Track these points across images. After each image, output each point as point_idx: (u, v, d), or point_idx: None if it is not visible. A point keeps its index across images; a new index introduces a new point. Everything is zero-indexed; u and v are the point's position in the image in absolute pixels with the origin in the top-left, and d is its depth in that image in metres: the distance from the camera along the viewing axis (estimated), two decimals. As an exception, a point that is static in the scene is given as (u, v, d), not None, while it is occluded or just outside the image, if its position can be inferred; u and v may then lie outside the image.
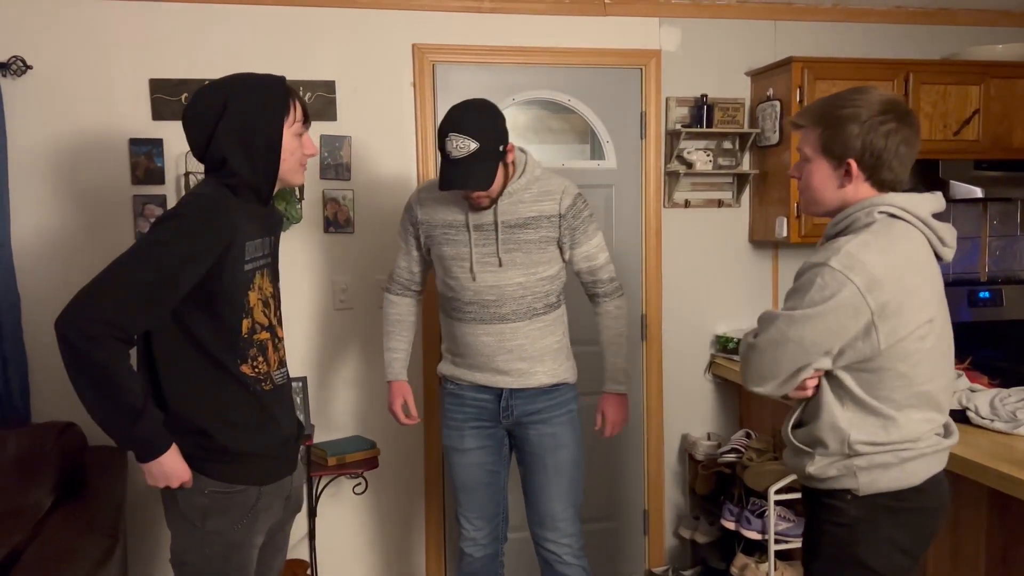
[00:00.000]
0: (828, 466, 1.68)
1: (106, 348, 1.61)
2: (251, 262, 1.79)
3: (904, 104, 1.70)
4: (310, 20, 3.04)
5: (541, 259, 2.36)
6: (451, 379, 2.49)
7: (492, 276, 2.34)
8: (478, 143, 2.17)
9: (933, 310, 1.65)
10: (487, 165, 2.21)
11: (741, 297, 3.43)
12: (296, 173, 1.87)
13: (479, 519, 2.51)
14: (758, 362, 1.68)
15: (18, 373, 2.82)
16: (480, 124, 2.20)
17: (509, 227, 2.32)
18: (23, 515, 2.48)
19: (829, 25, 3.45)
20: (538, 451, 2.44)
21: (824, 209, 1.74)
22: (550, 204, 2.35)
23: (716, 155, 3.38)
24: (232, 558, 1.82)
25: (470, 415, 2.46)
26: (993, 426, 2.30)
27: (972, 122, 3.28)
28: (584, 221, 2.39)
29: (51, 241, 2.90)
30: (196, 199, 1.77)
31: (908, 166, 1.69)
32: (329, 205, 3.11)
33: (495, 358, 2.38)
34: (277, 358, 1.89)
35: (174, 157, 2.95)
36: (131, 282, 1.64)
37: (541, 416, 2.42)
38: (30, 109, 2.84)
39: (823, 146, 1.69)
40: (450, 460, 2.52)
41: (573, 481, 2.46)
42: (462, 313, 2.38)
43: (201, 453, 1.76)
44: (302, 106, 1.84)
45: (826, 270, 1.59)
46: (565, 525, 2.45)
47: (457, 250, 2.36)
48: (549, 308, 2.41)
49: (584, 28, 3.26)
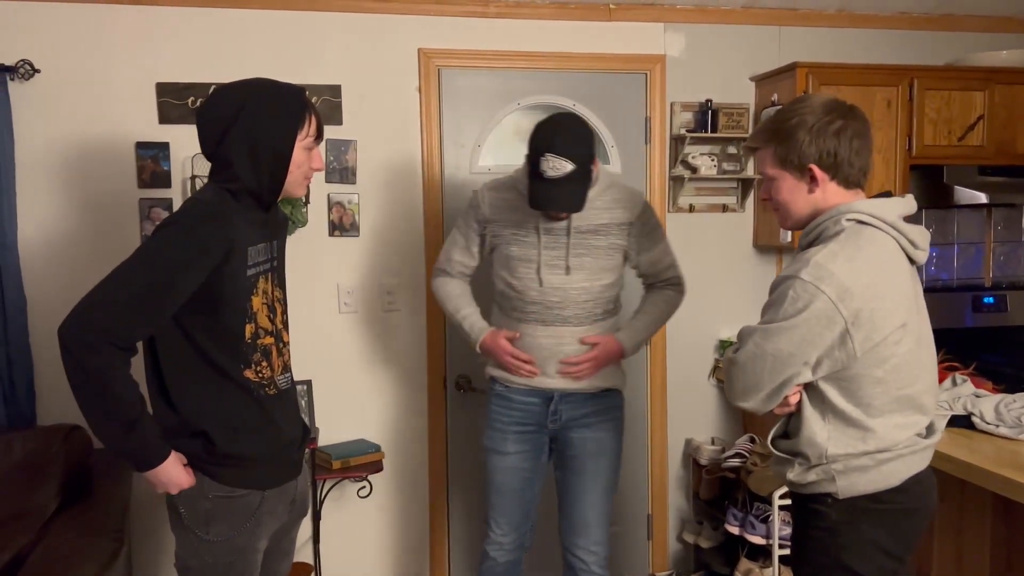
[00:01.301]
0: (806, 472, 1.70)
1: (102, 356, 1.61)
2: (253, 267, 1.79)
3: (845, 102, 1.72)
4: (316, 24, 3.05)
5: (607, 265, 2.36)
6: (501, 380, 2.47)
7: (559, 279, 2.33)
8: (574, 164, 2.15)
9: (905, 314, 1.65)
10: (581, 186, 2.22)
11: (745, 302, 3.43)
12: (299, 186, 1.86)
13: (508, 524, 2.49)
14: (740, 377, 1.69)
15: (24, 375, 2.83)
16: (576, 144, 2.18)
17: (580, 232, 2.32)
18: (28, 517, 2.48)
19: (834, 31, 3.45)
20: (580, 454, 2.43)
21: (800, 219, 1.75)
22: (622, 212, 2.35)
23: (720, 160, 3.38)
24: (236, 563, 1.82)
25: (516, 419, 2.44)
26: (998, 431, 2.30)
27: (976, 128, 3.28)
28: (653, 229, 2.41)
29: (57, 244, 2.91)
30: (195, 205, 1.77)
31: (867, 158, 1.71)
32: (334, 209, 3.11)
33: (550, 361, 2.37)
34: (281, 363, 1.89)
35: (180, 160, 2.96)
36: (128, 289, 1.65)
37: (587, 420, 2.42)
38: (37, 112, 2.86)
39: (781, 160, 1.71)
40: (489, 462, 2.49)
41: (609, 490, 2.46)
42: (523, 313, 2.38)
43: (205, 457, 1.76)
44: (317, 120, 1.84)
45: (797, 282, 1.60)
46: (597, 533, 2.44)
47: (525, 251, 2.35)
48: (608, 314, 2.42)
49: (589, 33, 3.27)
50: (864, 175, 1.72)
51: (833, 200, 1.70)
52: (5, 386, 2.81)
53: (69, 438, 2.64)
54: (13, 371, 2.81)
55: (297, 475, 1.95)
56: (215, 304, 1.73)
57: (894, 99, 3.21)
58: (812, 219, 1.72)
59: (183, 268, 1.67)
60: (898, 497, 1.68)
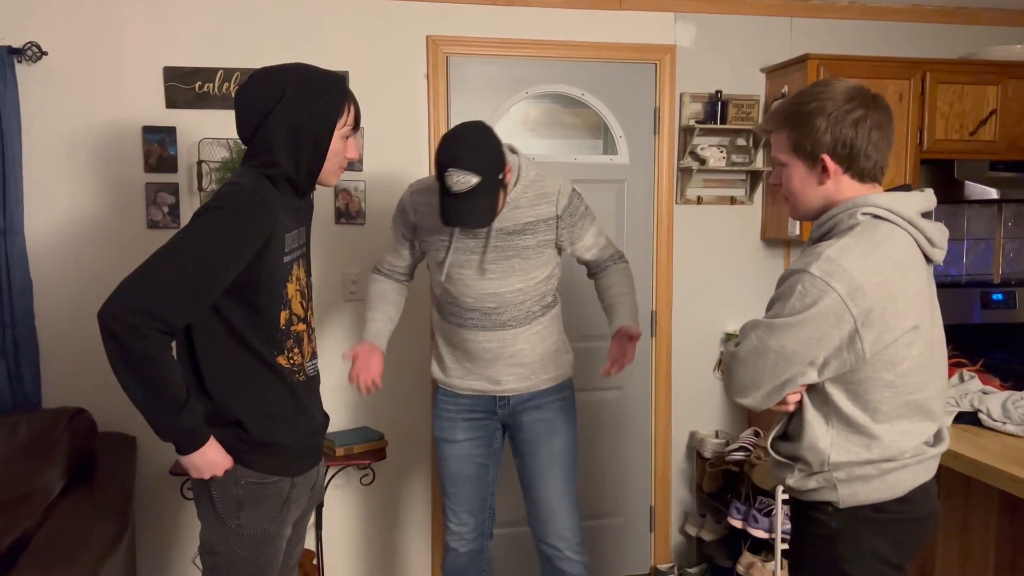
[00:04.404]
0: (806, 478, 1.63)
1: (149, 340, 1.59)
2: (289, 254, 1.78)
3: (869, 90, 1.62)
4: (325, 10, 3.04)
5: (539, 262, 2.32)
6: (444, 385, 2.47)
7: (491, 283, 2.30)
8: (479, 176, 2.08)
9: (917, 316, 1.57)
10: (490, 198, 2.15)
11: (752, 295, 3.42)
12: (334, 175, 1.85)
13: (465, 513, 2.49)
14: (739, 372, 1.62)
15: (30, 358, 2.84)
16: (479, 156, 2.10)
17: (506, 234, 2.27)
18: (33, 499, 2.49)
19: (846, 23, 3.42)
20: (532, 437, 2.42)
21: (810, 210, 1.68)
22: (547, 207, 2.30)
23: (729, 152, 3.36)
24: (264, 549, 1.81)
25: (464, 406, 2.44)
26: (1005, 428, 2.29)
27: (989, 122, 3.25)
28: (581, 217, 2.36)
29: (64, 227, 2.91)
30: (237, 190, 1.71)
31: (886, 151, 1.62)
32: (341, 196, 3.11)
33: (495, 364, 2.36)
34: (311, 349, 1.89)
35: (187, 145, 2.95)
36: (174, 274, 1.62)
37: (535, 402, 2.41)
38: (45, 95, 2.85)
39: (794, 146, 1.62)
40: (440, 451, 2.50)
41: (569, 469, 2.44)
42: (463, 319, 2.35)
43: (239, 445, 1.76)
44: (356, 110, 1.83)
45: (806, 277, 1.52)
46: (564, 517, 2.42)
47: (455, 257, 2.30)
48: (546, 309, 2.39)
49: (599, 22, 3.25)
50: (881, 170, 1.63)
51: (846, 193, 1.61)
52: (11, 369, 2.81)
53: (74, 421, 2.65)
54: (19, 354, 2.81)
55: (320, 461, 1.96)
56: (254, 291, 1.72)
57: (906, 92, 3.18)
58: (823, 211, 1.64)
59: (228, 254, 1.65)
60: (901, 507, 1.61)
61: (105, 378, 1.75)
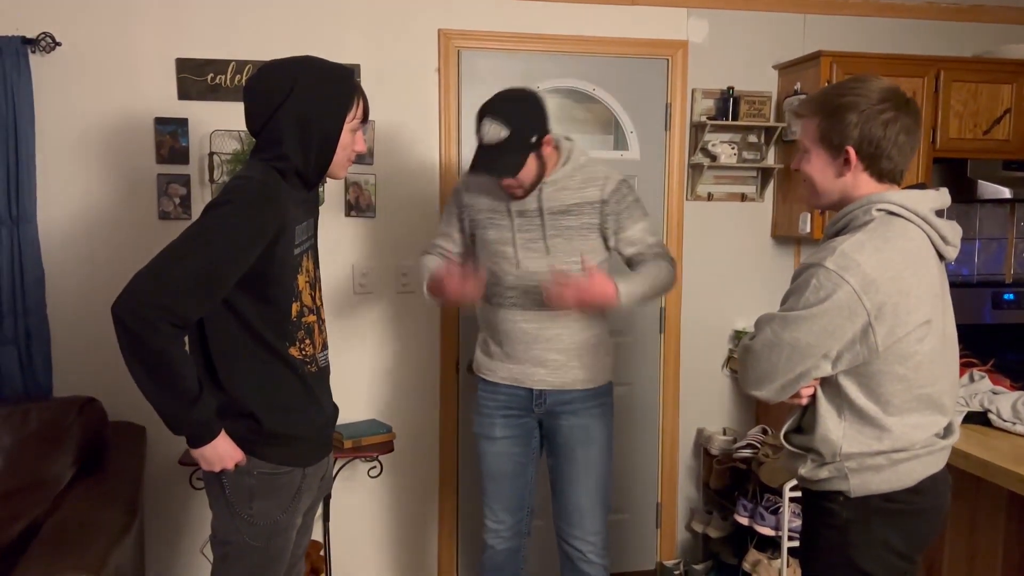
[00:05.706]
0: (818, 468, 1.66)
1: (162, 334, 1.60)
2: (299, 246, 1.79)
3: (904, 93, 1.65)
4: (337, 3, 3.04)
5: (584, 247, 2.31)
6: (482, 373, 2.48)
7: (535, 262, 2.31)
8: (509, 131, 2.15)
9: (929, 311, 1.60)
10: (516, 154, 2.18)
11: (762, 292, 3.41)
12: (342, 168, 1.86)
13: (503, 511, 2.49)
14: (754, 365, 1.65)
15: (41, 347, 2.85)
16: (516, 112, 2.18)
17: (552, 214, 2.30)
18: (44, 488, 2.52)
19: (859, 20, 3.40)
20: (569, 443, 2.41)
21: (825, 200, 1.71)
22: (593, 190, 2.32)
23: (741, 148, 3.35)
24: (275, 539, 1.82)
25: (502, 403, 2.44)
26: (1015, 429, 2.28)
27: (1003, 121, 3.23)
28: (629, 207, 2.34)
29: (76, 217, 2.92)
30: (248, 183, 1.72)
31: (908, 155, 1.65)
32: (351, 189, 3.11)
33: (533, 347, 2.35)
34: (321, 340, 1.90)
35: (199, 137, 2.96)
36: (187, 270, 1.62)
37: (573, 407, 2.40)
38: (58, 86, 2.86)
39: (821, 135, 1.66)
40: (480, 448, 2.50)
41: (602, 478, 2.43)
42: (502, 298, 2.36)
43: (253, 436, 1.77)
44: (364, 103, 1.84)
45: (821, 271, 1.56)
46: (592, 523, 2.42)
47: (501, 235, 2.34)
48: None
49: (611, 17, 3.24)
50: (901, 174, 1.66)
51: (863, 189, 1.65)
52: (22, 357, 2.83)
53: (85, 410, 2.67)
54: (31, 343, 2.83)
55: (330, 452, 1.97)
56: (265, 283, 1.73)
57: (919, 90, 3.16)
58: (838, 204, 1.68)
59: (240, 248, 1.66)
60: (912, 497, 1.65)
61: (116, 368, 1.76)
